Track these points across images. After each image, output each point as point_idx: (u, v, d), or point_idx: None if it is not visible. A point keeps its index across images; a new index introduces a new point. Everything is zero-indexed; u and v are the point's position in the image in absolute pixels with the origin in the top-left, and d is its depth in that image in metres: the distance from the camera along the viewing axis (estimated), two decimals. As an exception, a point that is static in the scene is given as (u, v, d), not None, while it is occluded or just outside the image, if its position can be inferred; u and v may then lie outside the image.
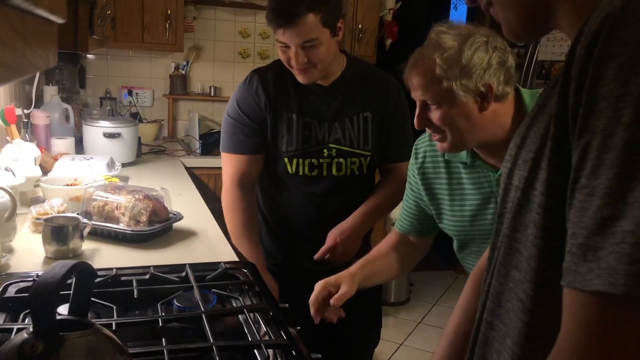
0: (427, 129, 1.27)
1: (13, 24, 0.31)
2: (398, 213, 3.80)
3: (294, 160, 1.70)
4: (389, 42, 3.79)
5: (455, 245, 1.45)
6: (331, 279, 1.37)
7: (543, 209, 0.58)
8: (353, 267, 1.43)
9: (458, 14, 6.86)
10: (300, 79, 1.65)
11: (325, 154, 1.70)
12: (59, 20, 0.45)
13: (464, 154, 1.33)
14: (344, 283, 1.35)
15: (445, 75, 1.18)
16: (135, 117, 3.32)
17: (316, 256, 1.68)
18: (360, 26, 3.49)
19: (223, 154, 1.78)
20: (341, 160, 1.71)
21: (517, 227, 0.64)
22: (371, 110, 1.73)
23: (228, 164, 1.77)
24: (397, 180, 1.78)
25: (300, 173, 1.71)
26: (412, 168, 1.46)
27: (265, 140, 1.72)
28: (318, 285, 1.35)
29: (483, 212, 1.33)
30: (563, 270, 0.51)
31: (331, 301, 1.32)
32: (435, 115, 1.22)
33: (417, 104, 1.25)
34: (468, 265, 1.45)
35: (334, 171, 1.71)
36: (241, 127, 1.73)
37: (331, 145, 1.70)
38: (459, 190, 1.36)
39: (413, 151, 1.46)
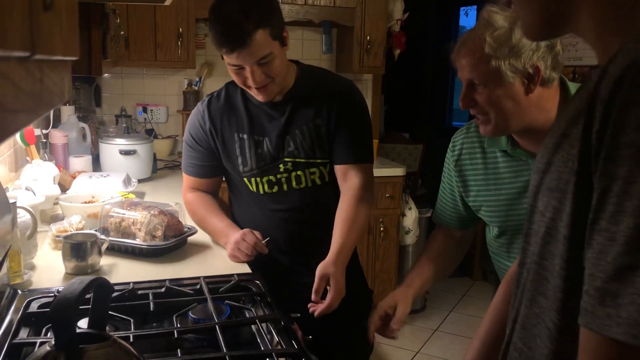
0: (470, 110, 1.29)
1: (33, 74, 0.35)
2: (410, 220, 3.79)
3: (252, 180, 1.70)
4: (397, 52, 3.83)
5: (492, 234, 1.47)
6: (389, 300, 1.45)
7: (568, 240, 0.60)
8: (406, 284, 1.50)
9: (469, 20, 6.89)
10: (261, 97, 1.61)
11: (281, 169, 1.68)
12: (72, 58, 0.50)
13: (504, 141, 1.34)
14: (400, 303, 1.44)
15: (494, 54, 1.19)
16: (150, 134, 3.39)
17: (313, 298, 1.56)
18: (368, 38, 3.53)
19: (183, 172, 1.84)
20: (299, 172, 1.68)
21: (545, 255, 0.65)
22: (321, 117, 1.66)
23: (185, 181, 1.83)
24: (354, 194, 1.66)
25: (262, 192, 1.70)
26: (448, 162, 1.49)
27: (218, 163, 1.75)
28: (379, 308, 1.45)
29: (519, 200, 1.34)
30: (580, 309, 0.52)
31: (393, 326, 1.43)
32: (481, 95, 1.24)
33: (464, 84, 1.27)
34: (497, 259, 1.47)
35: (293, 184, 1.69)
36: (193, 152, 1.76)
37: (286, 159, 1.67)
38: (494, 179, 1.38)
39: (450, 146, 1.48)
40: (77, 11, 0.49)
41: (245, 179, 1.71)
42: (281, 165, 1.67)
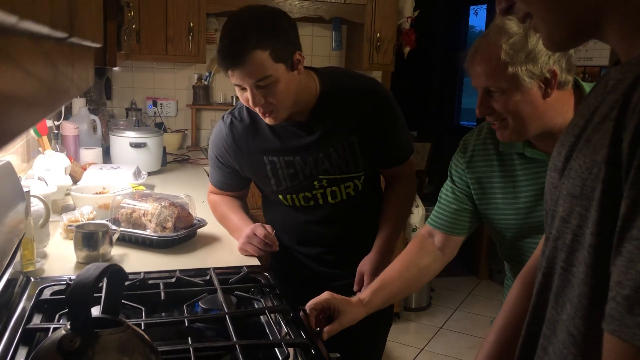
0: (487, 117, 1.28)
1: (66, 56, 0.37)
2: (417, 218, 3.79)
3: (288, 196, 1.69)
4: (407, 50, 3.83)
5: (507, 239, 1.42)
6: (339, 299, 1.32)
7: (594, 249, 0.60)
8: (365, 295, 1.39)
9: (478, 19, 6.88)
10: (268, 120, 1.56)
11: (316, 186, 1.66)
12: (97, 45, 0.51)
13: (519, 143, 1.33)
14: (345, 312, 1.31)
15: (511, 61, 1.18)
16: (160, 127, 3.41)
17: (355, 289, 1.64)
18: (378, 35, 3.54)
19: (210, 182, 1.85)
20: (334, 188, 1.66)
21: (573, 261, 0.65)
22: (356, 133, 1.63)
23: (210, 187, 1.85)
24: (402, 185, 1.76)
25: (298, 204, 1.70)
26: (458, 162, 1.45)
27: (246, 180, 1.76)
28: (325, 295, 1.33)
29: (540, 203, 1.31)
30: (606, 315, 0.53)
31: (323, 334, 1.27)
32: (498, 102, 1.23)
33: (479, 92, 1.26)
34: (516, 261, 1.41)
35: (329, 199, 1.68)
36: (220, 170, 1.77)
37: (321, 176, 1.65)
38: (511, 182, 1.36)
39: (460, 146, 1.46)
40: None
41: (280, 196, 1.70)
42: (316, 182, 1.65)
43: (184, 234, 1.72)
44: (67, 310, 1.16)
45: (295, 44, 1.51)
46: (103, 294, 0.94)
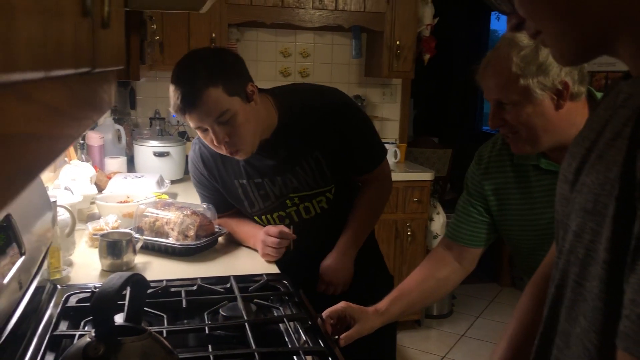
0: (500, 129, 1.28)
1: (89, 85, 0.39)
2: (438, 225, 3.78)
3: (263, 217, 1.74)
4: (427, 57, 3.83)
5: (518, 252, 1.42)
6: (355, 308, 1.34)
7: (608, 264, 0.60)
8: (383, 304, 1.39)
9: (500, 24, 6.84)
10: (238, 157, 1.59)
11: (289, 204, 1.69)
12: (119, 68, 0.54)
13: (534, 155, 1.33)
14: (361, 321, 1.33)
15: (522, 73, 1.19)
16: (183, 136, 3.46)
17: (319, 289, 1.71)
18: (398, 42, 3.55)
19: None
20: (307, 204, 1.69)
21: (586, 276, 0.65)
22: (319, 149, 1.64)
23: None
24: (372, 188, 1.77)
25: (273, 225, 1.72)
26: (474, 174, 1.45)
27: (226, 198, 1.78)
28: (341, 304, 1.35)
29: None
30: (619, 332, 0.54)
31: (340, 341, 1.29)
32: (510, 114, 1.23)
33: (491, 104, 1.26)
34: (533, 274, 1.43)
35: (303, 215, 1.71)
36: (204, 196, 1.83)
37: (292, 195, 1.68)
38: (528, 193, 1.36)
39: (475, 158, 1.46)
40: (123, 23, 0.53)
41: (255, 217, 1.75)
42: (288, 201, 1.69)
43: (205, 242, 1.75)
44: (91, 317, 1.19)
45: (245, 77, 1.55)
46: (126, 302, 0.97)
